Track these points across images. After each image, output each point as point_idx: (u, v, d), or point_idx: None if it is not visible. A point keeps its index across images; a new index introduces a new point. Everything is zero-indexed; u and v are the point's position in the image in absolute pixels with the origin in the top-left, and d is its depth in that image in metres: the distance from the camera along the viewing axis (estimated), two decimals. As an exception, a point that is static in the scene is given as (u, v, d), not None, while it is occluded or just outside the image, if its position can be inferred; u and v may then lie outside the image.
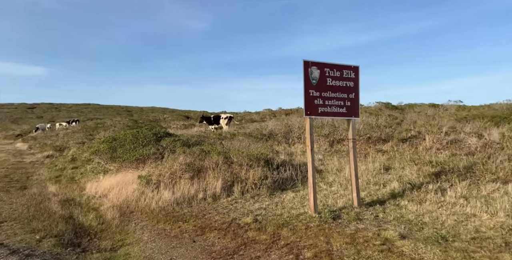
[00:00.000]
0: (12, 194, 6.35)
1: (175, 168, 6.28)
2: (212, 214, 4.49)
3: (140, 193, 5.83)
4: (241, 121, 23.62)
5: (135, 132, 8.63)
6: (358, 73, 4.15)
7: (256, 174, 5.64)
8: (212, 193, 5.40)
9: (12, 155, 15.14)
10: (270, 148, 8.20)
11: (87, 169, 9.66)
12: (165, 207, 5.10)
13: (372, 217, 3.61)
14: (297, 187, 5.41)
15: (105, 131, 18.27)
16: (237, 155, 6.32)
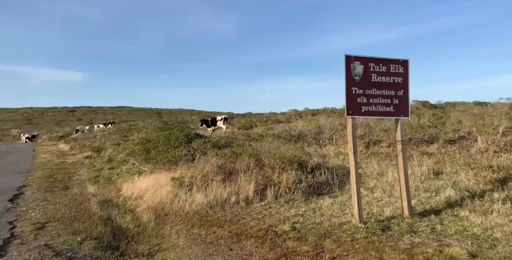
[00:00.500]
0: (56, 194, 6.67)
1: (207, 170, 6.21)
2: (246, 220, 4.31)
3: (174, 195, 5.82)
4: (267, 122, 23.41)
5: (167, 134, 8.75)
6: (408, 68, 3.73)
7: (289, 178, 5.38)
8: (244, 196, 5.23)
9: (56, 155, 16.21)
10: (301, 150, 7.88)
11: (122, 170, 9.99)
12: (199, 210, 5.02)
13: (429, 230, 3.19)
14: (334, 192, 5.06)
15: (138, 133, 19.01)
16: (269, 157, 6.10)
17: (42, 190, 7.13)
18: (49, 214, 5.14)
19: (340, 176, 5.52)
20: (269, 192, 5.16)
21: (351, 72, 3.59)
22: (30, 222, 4.68)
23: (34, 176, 9.11)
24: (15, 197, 6.32)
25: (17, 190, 7.00)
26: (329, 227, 3.58)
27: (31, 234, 4.14)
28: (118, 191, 7.19)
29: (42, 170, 10.48)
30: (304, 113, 26.00)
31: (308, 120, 19.87)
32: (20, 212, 5.16)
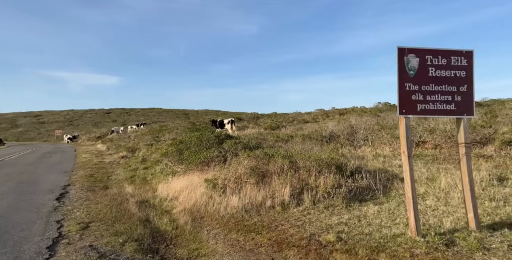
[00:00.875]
0: (97, 194, 6.93)
1: (239, 172, 6.08)
2: (285, 226, 4.09)
3: (208, 197, 5.77)
4: (293, 122, 22.99)
5: (199, 135, 8.80)
6: (472, 60, 3.28)
7: (327, 182, 5.07)
8: (280, 201, 5.02)
9: (95, 155, 17.14)
10: (336, 151, 7.49)
11: (156, 170, 10.23)
12: (234, 214, 4.90)
13: (505, 247, 2.75)
14: (378, 199, 4.67)
15: (169, 133, 19.57)
16: (303, 159, 5.83)
17: (85, 189, 7.45)
18: (92, 214, 5.30)
19: (383, 181, 5.10)
20: (306, 197, 4.90)
21: (405, 66, 3.22)
22: (76, 221, 4.84)
23: (77, 175, 9.62)
24: (61, 196, 6.64)
25: (62, 189, 7.38)
26: (381, 239, 3.25)
27: (77, 234, 4.26)
28: (154, 192, 7.32)
29: (83, 170, 11.07)
30: (331, 113, 25.19)
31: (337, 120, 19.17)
32: (66, 211, 5.38)
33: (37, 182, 8.19)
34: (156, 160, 12.05)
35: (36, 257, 3.41)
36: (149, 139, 19.80)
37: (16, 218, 4.79)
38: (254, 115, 30.31)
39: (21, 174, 9.60)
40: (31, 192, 6.89)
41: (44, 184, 7.99)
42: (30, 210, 5.29)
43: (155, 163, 11.38)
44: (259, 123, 20.84)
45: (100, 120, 67.11)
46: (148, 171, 10.56)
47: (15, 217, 4.85)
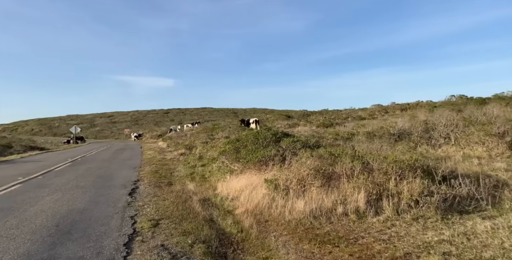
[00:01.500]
0: (163, 190, 7.19)
1: (302, 173, 5.63)
2: (367, 240, 3.51)
3: (271, 199, 5.45)
4: (347, 119, 21.49)
5: (256, 133, 8.59)
6: None
7: (413, 188, 4.29)
8: (354, 207, 4.42)
9: (158, 152, 18.44)
10: (413, 150, 6.49)
11: (213, 168, 10.37)
12: (301, 219, 4.48)
13: None
14: (485, 211, 3.76)
15: (222, 132, 20.07)
16: (378, 160, 5.09)
17: (152, 185, 7.83)
18: (160, 211, 5.41)
19: (488, 188, 4.12)
20: (386, 204, 4.22)
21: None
22: (147, 218, 4.96)
23: (144, 171, 10.28)
24: (132, 191, 7.05)
25: (133, 184, 7.88)
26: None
27: (149, 232, 4.32)
28: (214, 190, 7.32)
29: (149, 166, 11.85)
30: (391, 108, 22.93)
31: (399, 115, 17.25)
32: (138, 207, 5.60)
33: (112, 177, 8.93)
34: (212, 157, 12.30)
35: (115, 254, 3.47)
36: (204, 137, 20.56)
37: (97, 212, 5.11)
38: (304, 113, 29.37)
39: (99, 169, 10.66)
40: (107, 186, 7.48)
41: (118, 179, 8.66)
42: (108, 205, 5.64)
43: (211, 161, 11.59)
44: (310, 121, 19.98)
45: (160, 119, 73.13)
46: (206, 168, 10.78)
47: (96, 211, 5.18)
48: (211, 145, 15.88)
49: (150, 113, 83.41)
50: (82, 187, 7.33)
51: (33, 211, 4.99)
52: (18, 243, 3.61)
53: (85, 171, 10.07)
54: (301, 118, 24.93)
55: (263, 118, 33.84)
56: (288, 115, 29.60)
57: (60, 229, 4.19)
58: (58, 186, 7.29)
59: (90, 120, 77.06)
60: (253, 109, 79.14)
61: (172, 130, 39.17)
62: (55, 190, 6.85)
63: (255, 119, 21.30)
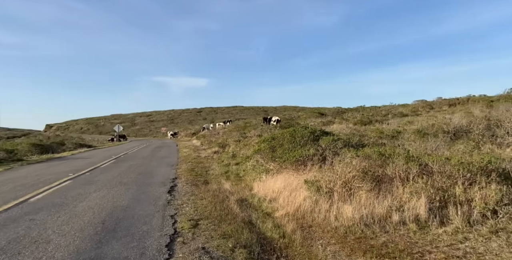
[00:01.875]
0: (200, 189, 7.16)
1: (348, 175, 5.17)
2: (436, 256, 3.00)
3: (313, 202, 5.09)
4: (386, 115, 20.06)
5: (292, 131, 8.22)
6: None
7: (489, 195, 3.64)
8: (413, 215, 3.89)
9: (192, 150, 18.87)
10: (477, 150, 5.67)
11: (247, 167, 10.21)
12: (350, 227, 4.06)
13: None
14: None
15: (255, 130, 19.96)
16: (438, 162, 4.46)
17: (189, 183, 7.86)
18: (199, 211, 5.33)
19: None
20: (453, 213, 3.64)
21: None
22: (186, 217, 4.89)
23: (181, 169, 10.45)
24: (171, 189, 7.12)
25: (171, 182, 7.99)
26: None
27: (189, 233, 4.22)
28: (250, 190, 7.13)
29: (185, 164, 12.08)
30: (437, 104, 20.97)
31: (446, 112, 15.63)
32: (177, 206, 5.58)
33: (152, 175, 9.17)
34: (245, 156, 12.18)
35: (158, 256, 3.39)
36: (236, 135, 20.62)
37: (139, 210, 5.17)
38: (338, 110, 28.14)
39: (139, 166, 11.08)
40: (148, 184, 7.65)
41: (157, 176, 8.86)
42: (149, 203, 5.70)
43: (245, 159, 11.46)
44: (346, 118, 19.00)
45: (193, 118, 75.61)
46: (240, 167, 10.66)
47: (138, 209, 5.24)
48: (244, 144, 15.80)
49: (185, 112, 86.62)
50: (125, 184, 7.59)
51: (82, 208, 5.18)
52: (68, 240, 3.69)
53: (127, 168, 10.52)
54: (335, 115, 23.88)
55: (295, 116, 33.15)
56: (321, 113, 28.59)
57: (105, 226, 4.25)
58: (103, 183, 7.62)
59: (131, 119, 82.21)
60: (283, 107, 78.32)
61: (205, 128, 40.08)
62: (101, 187, 7.16)
63: (277, 119, 22.15)
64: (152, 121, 77.87)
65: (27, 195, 6.03)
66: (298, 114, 34.34)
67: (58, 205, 5.35)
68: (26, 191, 6.52)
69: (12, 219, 4.42)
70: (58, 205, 5.31)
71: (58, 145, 20.77)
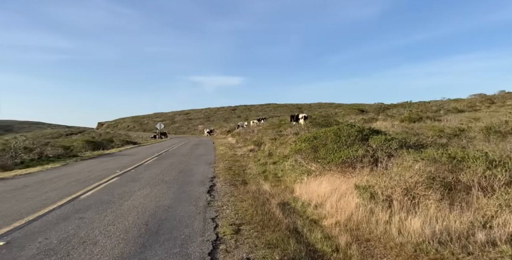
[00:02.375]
0: (239, 190, 6.91)
1: (409, 181, 4.46)
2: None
3: (368, 211, 4.48)
4: (438, 111, 18.02)
5: (336, 130, 7.56)
6: None
7: None
8: (506, 234, 3.13)
9: (228, 148, 18.93)
10: None
11: (285, 166, 9.76)
12: (419, 244, 3.41)
13: None
14: None
15: (291, 128, 19.39)
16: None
17: (228, 183, 7.67)
18: (240, 214, 5.04)
19: None
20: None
21: None
22: (227, 221, 4.63)
23: (219, 168, 10.37)
24: (210, 188, 6.97)
25: (210, 181, 7.87)
26: None
27: (232, 239, 3.93)
28: (292, 192, 6.69)
29: (222, 162, 12.03)
30: (499, 98, 18.30)
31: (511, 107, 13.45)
32: (218, 208, 5.36)
33: (191, 173, 9.19)
34: (283, 155, 11.72)
35: (201, 267, 3.13)
36: (272, 133, 20.23)
37: (181, 211, 5.03)
38: (380, 106, 26.22)
39: (179, 164, 11.27)
40: (188, 182, 7.62)
41: (196, 175, 8.84)
42: (190, 203, 5.57)
43: (282, 159, 11.02)
44: (391, 115, 17.46)
45: (228, 116, 76.98)
46: (277, 166, 10.26)
47: (179, 209, 5.12)
48: (280, 142, 15.34)
49: (220, 110, 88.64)
50: (166, 182, 7.64)
51: (127, 207, 5.21)
52: (113, 242, 3.62)
53: (168, 166, 10.74)
54: (378, 112, 22.24)
55: (331, 113, 31.75)
56: (361, 109, 26.90)
57: (149, 228, 4.15)
58: (147, 181, 7.76)
59: (171, 117, 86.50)
60: (318, 104, 75.95)
61: (240, 126, 40.31)
62: (145, 185, 7.27)
63: (304, 115, 21.74)
64: (190, 119, 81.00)
65: (79, 192, 6.31)
66: (335, 111, 32.84)
67: (105, 203, 5.46)
68: (78, 187, 6.86)
69: (64, 217, 4.56)
70: (106, 203, 5.41)
71: (108, 142, 22.35)
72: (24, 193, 6.23)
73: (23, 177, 8.49)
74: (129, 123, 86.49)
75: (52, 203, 5.34)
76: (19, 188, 6.81)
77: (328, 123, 19.71)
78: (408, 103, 24.32)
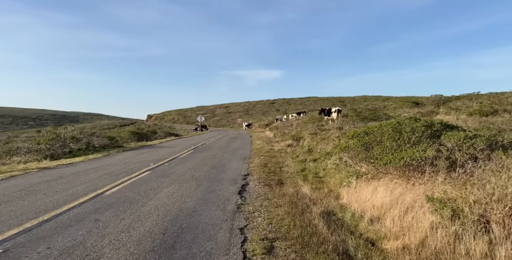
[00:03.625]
0: (274, 191, 5.99)
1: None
2: None
3: (452, 236, 3.19)
4: None
5: (395, 124, 6.12)
6: None
7: None
8: None
9: (265, 142, 18.09)
10: None
11: (327, 165, 8.56)
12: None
13: None
14: None
15: (333, 122, 17.75)
16: None
17: (262, 182, 6.79)
18: (274, 224, 4.12)
19: None
20: None
21: None
22: (258, 234, 3.75)
23: (253, 164, 9.56)
24: (242, 188, 6.17)
25: (243, 179, 7.08)
26: None
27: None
28: (337, 198, 5.55)
29: (258, 157, 11.20)
30: None
31: None
32: (248, 214, 4.51)
33: (224, 169, 8.53)
34: (325, 152, 10.46)
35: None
36: (312, 127, 18.80)
37: (205, 217, 4.30)
38: (439, 98, 22.79)
39: (213, 158, 10.74)
40: (218, 180, 6.93)
41: (229, 171, 8.14)
42: (217, 206, 4.82)
43: (324, 156, 9.78)
44: (456, 107, 14.76)
45: (267, 109, 76.23)
46: (318, 165, 9.08)
47: (204, 215, 4.39)
48: (321, 137, 13.97)
49: (259, 103, 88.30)
50: (196, 179, 7.05)
51: (148, 208, 4.65)
52: (119, 258, 2.97)
53: (202, 160, 10.27)
54: (437, 104, 19.29)
55: (379, 106, 28.82)
56: (417, 102, 23.74)
57: (165, 240, 3.46)
58: (177, 176, 7.27)
59: (212, 110, 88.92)
60: (363, 97, 70.75)
61: (278, 119, 39.26)
62: (174, 181, 6.77)
63: (338, 108, 19.65)
64: (230, 112, 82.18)
65: (106, 187, 6.01)
66: (383, 104, 29.77)
67: (128, 201, 4.99)
68: (107, 181, 6.62)
69: (79, 218, 4.13)
70: (128, 202, 4.94)
71: (152, 133, 23.20)
72: (55, 186, 6.14)
73: (64, 168, 8.70)
74: (174, 115, 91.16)
75: (75, 199, 5.04)
76: (54, 180, 6.82)
77: (376, 117, 17.57)
78: (475, 94, 20.43)
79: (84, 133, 13.69)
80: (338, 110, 19.53)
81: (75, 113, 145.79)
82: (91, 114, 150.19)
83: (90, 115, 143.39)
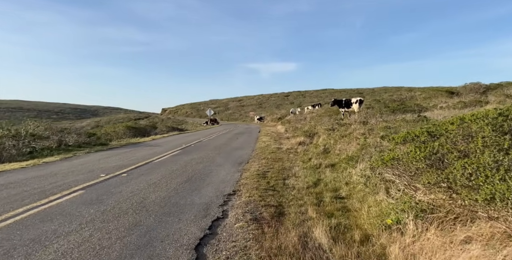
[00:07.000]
0: (264, 238, 3.24)
1: None
2: None
3: None
4: None
5: (497, 117, 3.12)
6: None
7: None
8: None
9: (273, 139, 15.29)
10: None
11: (352, 176, 5.77)
12: None
13: None
14: None
15: (355, 114, 14.61)
16: None
17: (249, 214, 4.08)
18: None
19: None
20: None
21: None
22: None
23: (248, 172, 6.86)
24: (210, 231, 3.51)
25: (221, 205, 4.42)
26: None
27: None
28: (381, 257, 2.75)
29: (258, 161, 8.49)
30: None
31: None
32: None
33: (203, 183, 5.88)
34: (347, 156, 7.57)
35: None
36: (328, 121, 15.74)
37: None
38: (478, 86, 18.87)
39: (198, 164, 8.13)
40: (180, 209, 4.28)
41: (208, 188, 5.48)
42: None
43: (346, 161, 6.91)
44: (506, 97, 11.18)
45: (281, 102, 72.88)
46: (339, 175, 6.27)
47: None
48: (341, 134, 10.98)
49: (272, 96, 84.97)
50: (142, 208, 4.43)
51: None
52: None
53: (181, 167, 7.69)
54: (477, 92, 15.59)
55: (406, 97, 24.97)
56: (451, 91, 19.90)
57: None
58: (114, 203, 4.65)
59: (225, 104, 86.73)
60: (383, 88, 65.56)
61: (292, 113, 36.34)
62: (92, 219, 4.17)
63: (359, 99, 16.16)
64: (243, 105, 79.58)
65: None
66: (410, 94, 25.86)
67: None
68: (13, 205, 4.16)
69: None
70: None
71: (151, 129, 21.04)
72: None
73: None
74: (188, 109, 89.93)
75: None
76: None
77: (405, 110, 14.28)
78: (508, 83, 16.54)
79: (52, 129, 11.56)
80: (359, 100, 16.11)
81: (95, 107, 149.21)
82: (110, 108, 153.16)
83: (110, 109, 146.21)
